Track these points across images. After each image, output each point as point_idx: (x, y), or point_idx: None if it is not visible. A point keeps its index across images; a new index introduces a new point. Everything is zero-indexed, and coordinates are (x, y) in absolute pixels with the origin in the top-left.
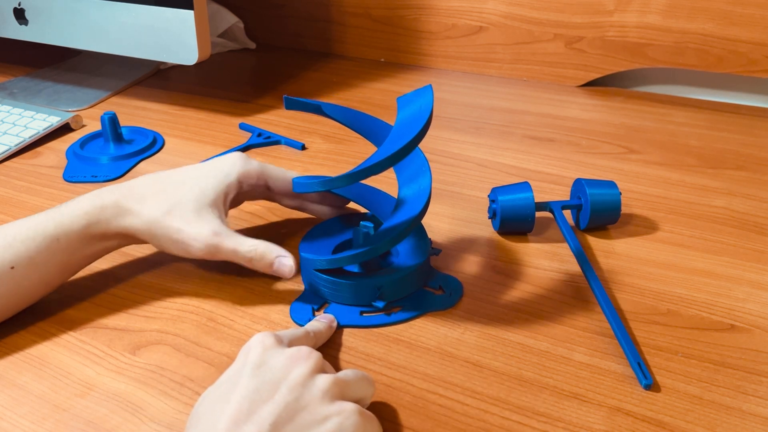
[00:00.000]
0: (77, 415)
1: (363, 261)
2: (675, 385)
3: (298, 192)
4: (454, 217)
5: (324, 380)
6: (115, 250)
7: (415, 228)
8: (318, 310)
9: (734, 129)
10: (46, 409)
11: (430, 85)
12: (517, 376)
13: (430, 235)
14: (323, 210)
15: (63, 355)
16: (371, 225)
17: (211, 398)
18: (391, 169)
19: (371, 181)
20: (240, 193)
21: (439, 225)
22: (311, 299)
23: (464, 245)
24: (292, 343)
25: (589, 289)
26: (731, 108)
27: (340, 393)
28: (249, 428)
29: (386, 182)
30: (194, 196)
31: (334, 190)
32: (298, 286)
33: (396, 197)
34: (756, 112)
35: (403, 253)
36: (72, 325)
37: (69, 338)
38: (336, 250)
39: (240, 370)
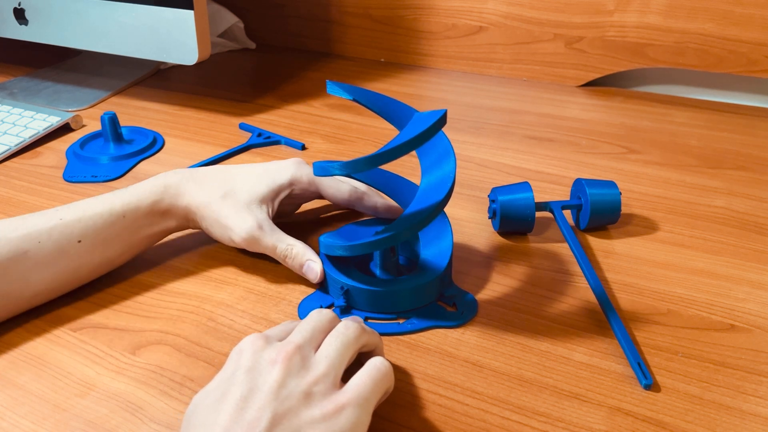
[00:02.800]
0: (77, 415)
1: (383, 248)
2: (675, 385)
3: (318, 176)
4: (454, 216)
5: (307, 380)
6: (174, 232)
7: (445, 235)
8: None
9: (734, 129)
10: (46, 409)
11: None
12: (517, 376)
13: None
14: (380, 215)
15: (63, 355)
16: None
17: (204, 405)
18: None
19: (395, 168)
20: (291, 195)
21: None
22: (319, 299)
23: (464, 245)
24: (282, 340)
25: (589, 289)
26: (731, 108)
27: (331, 384)
28: None
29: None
30: (247, 188)
31: (356, 176)
32: (300, 286)
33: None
34: (756, 112)
35: (429, 257)
36: (72, 325)
37: (69, 338)
38: None
39: (231, 376)
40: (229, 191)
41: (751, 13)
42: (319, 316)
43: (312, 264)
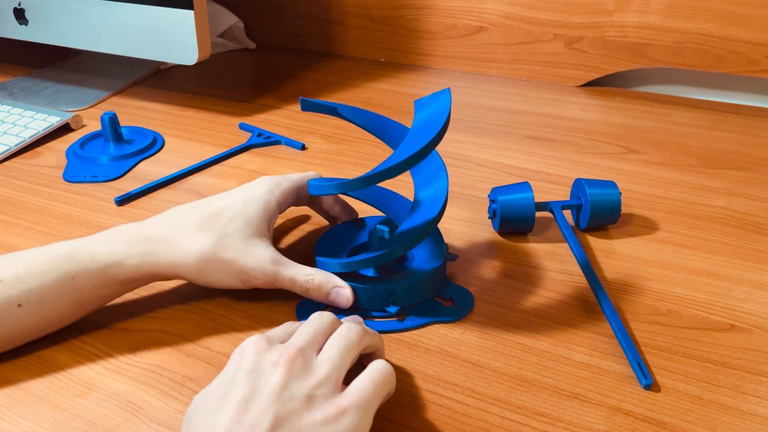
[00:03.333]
0: (77, 415)
1: (378, 264)
2: (675, 385)
3: (314, 194)
4: (454, 216)
5: (309, 383)
6: (135, 289)
7: (432, 233)
8: (324, 310)
9: (734, 129)
10: (46, 409)
11: (449, 88)
12: (517, 376)
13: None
14: (336, 215)
15: (63, 355)
16: (387, 229)
17: (205, 406)
18: (407, 172)
19: (387, 184)
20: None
21: (439, 225)
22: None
23: (464, 245)
24: (284, 341)
25: (589, 289)
26: (731, 108)
27: (333, 387)
28: None
29: (402, 185)
30: (239, 226)
31: (349, 193)
32: None
33: (412, 200)
34: (756, 112)
35: (419, 258)
36: (72, 325)
37: (69, 338)
38: (351, 254)
39: (233, 377)
40: (222, 235)
41: (751, 13)
42: (321, 318)
43: (340, 290)
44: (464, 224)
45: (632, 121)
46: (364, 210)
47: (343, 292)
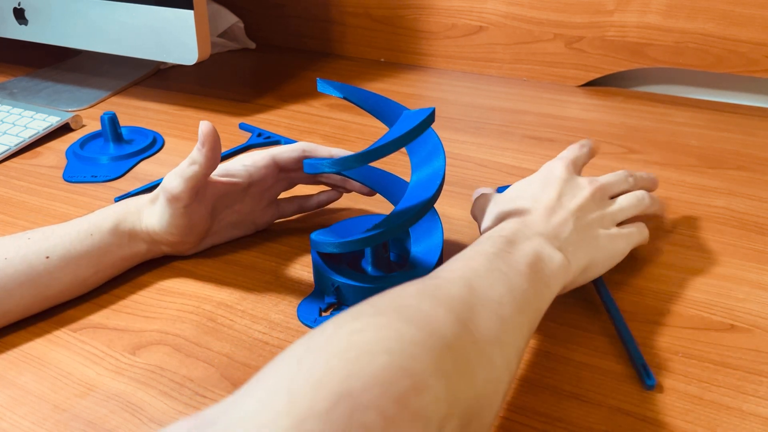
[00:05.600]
0: (77, 415)
1: (374, 243)
2: (675, 385)
3: (309, 173)
4: (454, 216)
5: (602, 210)
6: (145, 256)
7: (435, 232)
8: (325, 310)
9: (734, 129)
10: (46, 409)
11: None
12: (518, 376)
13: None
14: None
15: (63, 355)
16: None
17: (527, 188)
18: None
19: (388, 168)
20: (254, 183)
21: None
22: (319, 298)
23: (464, 245)
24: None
25: (588, 288)
26: (731, 108)
27: (613, 222)
28: (559, 214)
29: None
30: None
31: (346, 173)
32: (300, 286)
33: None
34: (756, 112)
35: (419, 254)
36: (72, 325)
37: (69, 338)
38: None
39: (549, 178)
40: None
41: (751, 13)
42: (626, 176)
43: (202, 127)
44: (464, 224)
45: (632, 121)
46: (363, 200)
47: (203, 127)
